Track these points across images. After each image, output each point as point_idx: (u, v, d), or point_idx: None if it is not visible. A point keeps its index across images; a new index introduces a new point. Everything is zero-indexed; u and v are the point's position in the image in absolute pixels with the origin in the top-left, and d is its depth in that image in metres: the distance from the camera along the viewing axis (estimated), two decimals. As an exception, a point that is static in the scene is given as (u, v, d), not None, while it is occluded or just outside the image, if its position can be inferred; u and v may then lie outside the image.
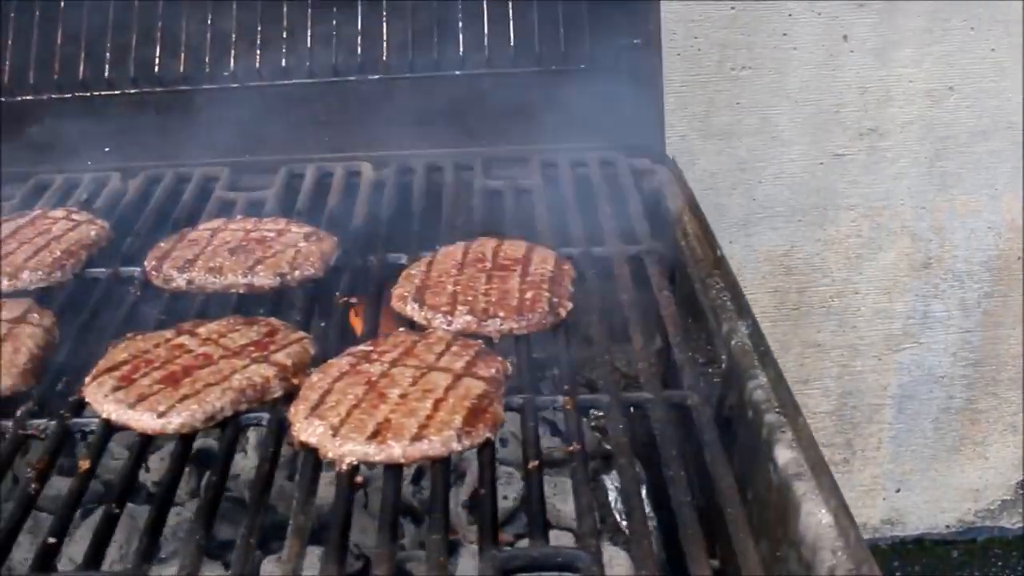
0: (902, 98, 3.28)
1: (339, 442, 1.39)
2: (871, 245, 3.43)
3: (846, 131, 3.31)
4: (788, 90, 3.26)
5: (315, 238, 1.85)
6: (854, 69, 3.25)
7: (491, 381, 1.49)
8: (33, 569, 1.28)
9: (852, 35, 3.21)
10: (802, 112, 3.28)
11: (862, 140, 3.31)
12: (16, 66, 2.39)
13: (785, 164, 3.32)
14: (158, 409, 1.46)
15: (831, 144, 3.32)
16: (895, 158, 3.33)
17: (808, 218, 3.39)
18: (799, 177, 3.34)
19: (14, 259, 1.83)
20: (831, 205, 3.39)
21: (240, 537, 1.32)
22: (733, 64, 3.22)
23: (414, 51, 2.36)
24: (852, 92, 3.27)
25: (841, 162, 3.33)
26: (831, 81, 3.26)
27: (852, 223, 3.40)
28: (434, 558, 1.27)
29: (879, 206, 3.39)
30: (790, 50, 3.22)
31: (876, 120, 3.30)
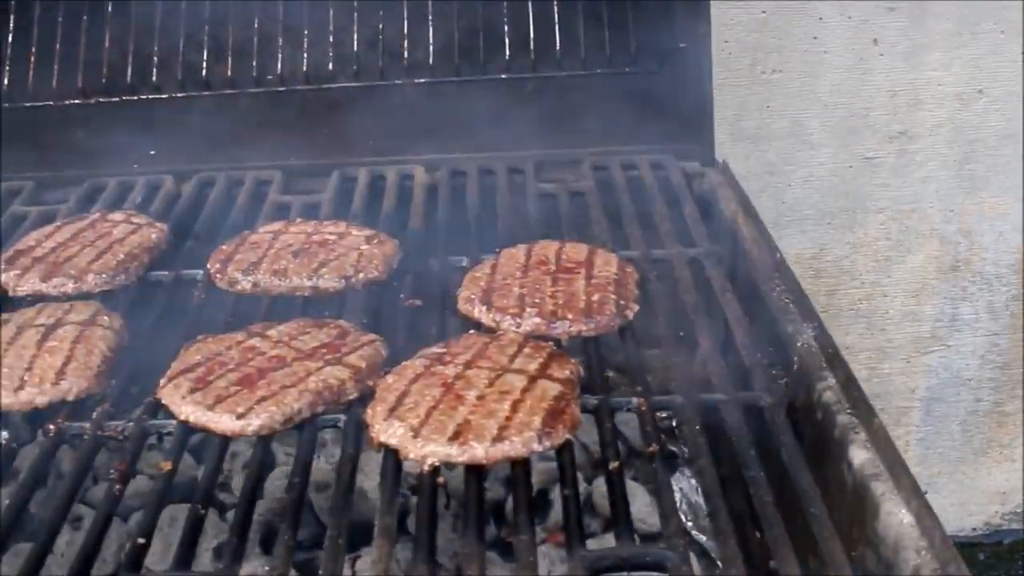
0: (931, 101, 3.29)
1: (421, 443, 1.40)
2: (900, 248, 3.44)
3: (875, 134, 3.32)
4: (818, 93, 3.27)
5: (377, 241, 1.86)
6: (884, 72, 3.26)
7: (566, 383, 1.50)
8: (125, 569, 1.29)
9: (882, 39, 3.22)
10: (832, 115, 3.29)
11: (891, 143, 3.32)
12: (64, 71, 2.39)
13: (815, 167, 3.34)
14: (237, 411, 1.47)
15: (860, 147, 3.33)
16: (924, 161, 3.34)
17: (837, 221, 3.40)
18: (828, 180, 3.35)
19: (78, 262, 1.84)
20: (860, 208, 3.40)
21: (329, 538, 1.32)
22: (764, 68, 3.23)
23: (459, 55, 2.37)
24: (882, 95, 3.28)
25: (870, 165, 3.35)
26: (861, 84, 3.27)
27: (881, 226, 3.42)
28: (524, 559, 1.27)
29: (908, 209, 3.40)
30: (820, 53, 3.23)
31: (905, 123, 3.31)
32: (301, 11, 2.40)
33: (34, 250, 1.89)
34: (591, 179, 2.13)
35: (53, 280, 1.81)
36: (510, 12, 2.37)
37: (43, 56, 2.40)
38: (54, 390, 1.54)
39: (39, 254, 1.88)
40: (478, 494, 1.39)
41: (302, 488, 1.41)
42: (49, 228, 1.97)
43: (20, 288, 1.81)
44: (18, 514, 1.39)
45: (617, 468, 1.41)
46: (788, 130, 3.29)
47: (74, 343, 1.61)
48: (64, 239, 1.92)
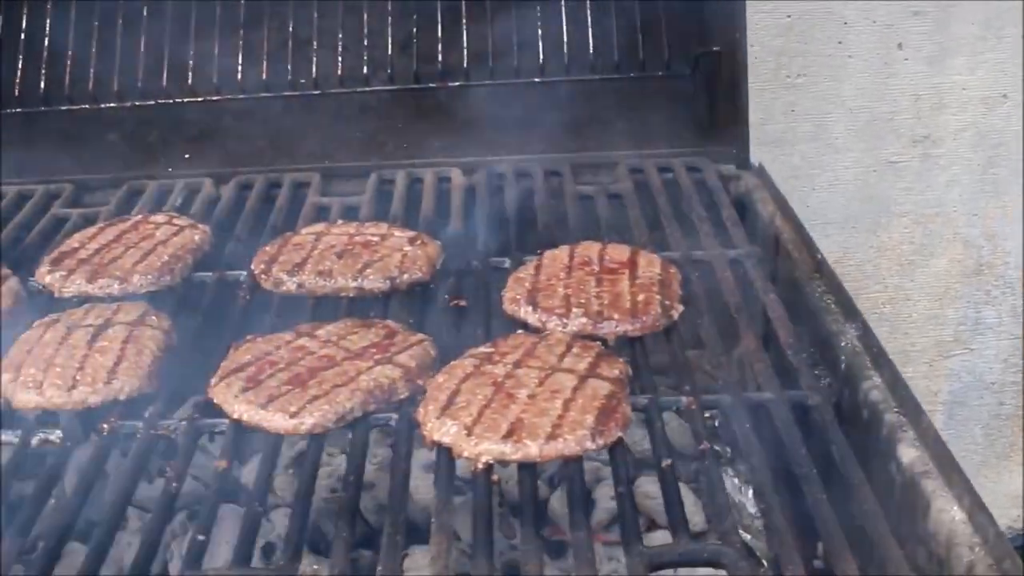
0: (956, 105, 3.30)
1: (474, 441, 1.41)
2: (923, 252, 3.45)
3: (900, 138, 3.32)
4: (843, 97, 3.28)
5: (419, 242, 1.87)
6: (908, 77, 3.27)
7: (616, 382, 1.51)
8: (186, 567, 1.30)
9: (907, 43, 3.23)
10: (856, 119, 3.30)
11: (916, 147, 3.33)
12: (100, 74, 2.41)
13: (839, 171, 3.34)
14: (289, 410, 1.48)
15: (885, 151, 3.34)
16: (948, 165, 3.35)
17: (861, 225, 3.41)
18: (853, 184, 3.36)
19: (123, 263, 1.85)
20: (884, 212, 3.40)
21: (386, 535, 1.33)
22: (788, 72, 3.24)
23: (494, 58, 2.38)
24: (906, 99, 3.29)
25: (894, 169, 3.35)
26: (885, 89, 3.28)
27: (904, 230, 3.42)
28: (583, 556, 1.28)
29: (931, 213, 3.41)
30: (845, 58, 3.24)
31: (930, 127, 3.32)
32: (335, 14, 2.41)
33: (78, 252, 1.90)
34: (628, 181, 2.14)
35: (99, 281, 1.82)
36: (544, 15, 2.38)
37: (79, 59, 2.42)
38: (106, 389, 1.55)
39: (83, 256, 1.89)
40: (533, 492, 1.39)
41: (357, 486, 1.42)
42: (92, 230, 1.98)
43: (66, 289, 1.83)
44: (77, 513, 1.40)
45: (669, 466, 1.42)
46: (812, 134, 3.30)
47: (124, 343, 1.62)
48: (107, 241, 1.93)
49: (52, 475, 1.47)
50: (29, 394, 1.55)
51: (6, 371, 1.60)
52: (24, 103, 2.42)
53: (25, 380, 1.57)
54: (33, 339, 1.66)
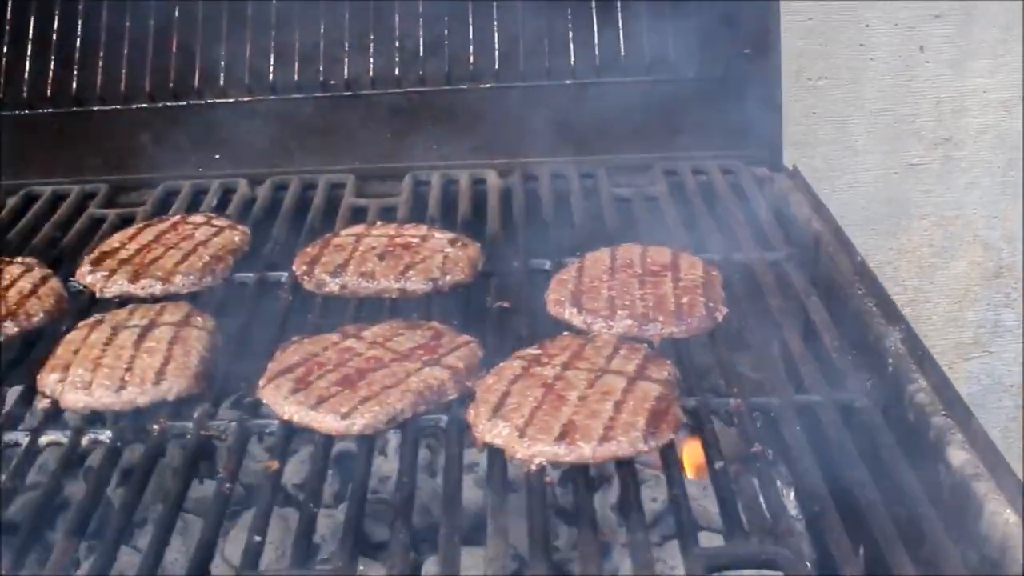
0: (976, 108, 3.30)
1: (527, 443, 1.41)
2: (943, 254, 3.45)
3: (920, 141, 3.33)
4: (864, 100, 3.28)
5: (460, 244, 1.87)
6: (929, 79, 3.27)
7: (665, 384, 1.52)
8: (242, 568, 1.30)
9: (928, 46, 3.24)
10: (877, 122, 3.30)
11: (936, 150, 3.34)
12: (132, 75, 2.41)
13: (859, 173, 3.35)
14: (340, 411, 1.48)
15: (906, 154, 3.34)
16: (968, 168, 3.36)
17: (881, 227, 3.41)
18: (873, 186, 3.37)
19: (164, 264, 1.86)
20: (904, 214, 3.41)
21: (443, 537, 1.33)
22: (810, 74, 3.25)
23: (525, 60, 2.38)
24: (927, 102, 3.29)
25: (915, 172, 3.36)
26: (906, 91, 3.28)
27: (925, 232, 3.43)
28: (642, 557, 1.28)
29: (951, 215, 3.41)
30: (867, 60, 3.25)
31: (950, 130, 3.32)
32: (367, 15, 2.41)
33: (118, 252, 1.91)
34: (663, 184, 2.14)
35: (141, 282, 1.82)
36: (574, 18, 2.38)
37: (111, 60, 2.42)
38: (155, 390, 1.56)
39: (124, 256, 1.89)
40: (587, 493, 1.40)
41: (411, 487, 1.42)
42: (131, 230, 1.99)
43: (108, 290, 1.83)
44: (131, 513, 1.41)
45: (723, 468, 1.43)
46: (833, 136, 3.31)
47: (171, 343, 1.63)
48: (147, 241, 1.93)
49: (103, 475, 1.46)
50: (78, 394, 1.56)
51: (53, 371, 1.60)
52: (56, 103, 2.42)
53: (73, 380, 1.57)
54: (79, 339, 1.66)
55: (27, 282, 1.83)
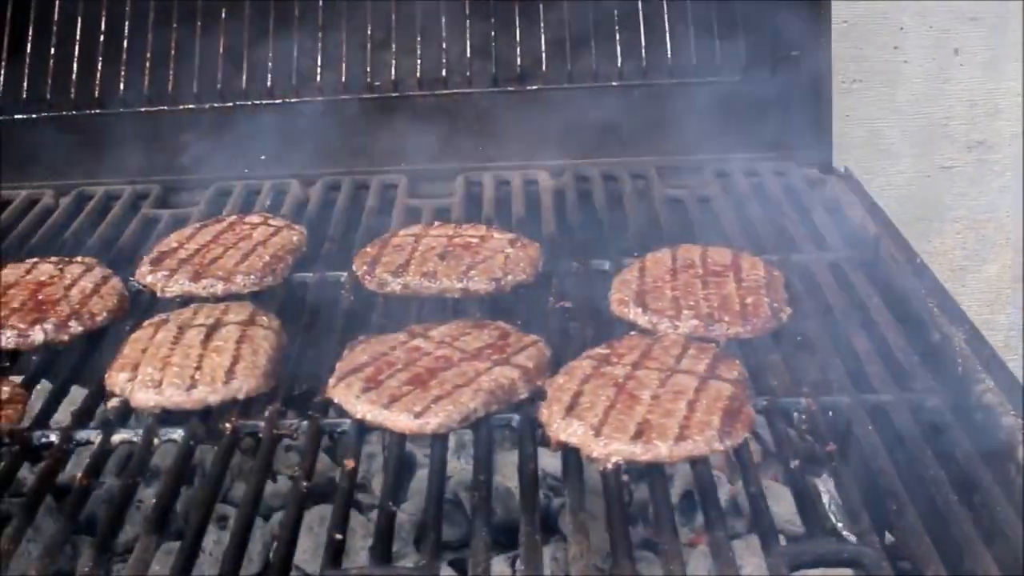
0: (1010, 111, 3.30)
1: (604, 442, 1.42)
2: (975, 257, 3.45)
3: (954, 144, 3.33)
4: (897, 103, 3.28)
5: (520, 244, 1.88)
6: (963, 82, 3.27)
7: (736, 383, 1.52)
8: (325, 566, 1.30)
9: (963, 48, 3.24)
10: (911, 125, 3.30)
11: (970, 153, 3.34)
12: (179, 78, 2.42)
13: (892, 176, 3.35)
14: (414, 410, 1.49)
15: (939, 157, 3.34)
16: (1001, 171, 3.36)
17: (914, 230, 3.39)
18: (906, 189, 3.36)
19: (224, 263, 1.86)
20: (937, 217, 3.41)
21: (524, 535, 1.34)
22: (844, 77, 3.24)
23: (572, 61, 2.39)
24: (961, 105, 3.29)
25: (948, 175, 3.36)
26: (940, 94, 3.28)
27: (957, 235, 3.43)
28: (724, 555, 1.29)
29: (984, 219, 3.41)
30: (900, 63, 3.25)
31: (984, 133, 3.32)
32: (414, 16, 2.42)
33: (177, 252, 1.91)
34: (716, 185, 2.15)
35: (202, 281, 1.83)
36: (621, 20, 2.39)
37: (158, 61, 2.43)
38: (225, 389, 1.56)
39: (183, 256, 1.90)
40: (664, 493, 1.40)
41: (488, 485, 1.42)
42: (188, 230, 1.99)
43: (169, 289, 1.84)
44: (209, 510, 1.41)
45: (799, 467, 1.43)
46: (866, 139, 3.31)
47: (238, 343, 1.63)
48: (205, 241, 1.94)
49: (178, 474, 1.47)
50: (148, 393, 1.56)
51: (122, 370, 1.61)
52: (104, 104, 2.42)
53: (143, 379, 1.57)
54: (145, 338, 1.67)
55: (88, 281, 1.84)
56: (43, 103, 2.43)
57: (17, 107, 2.43)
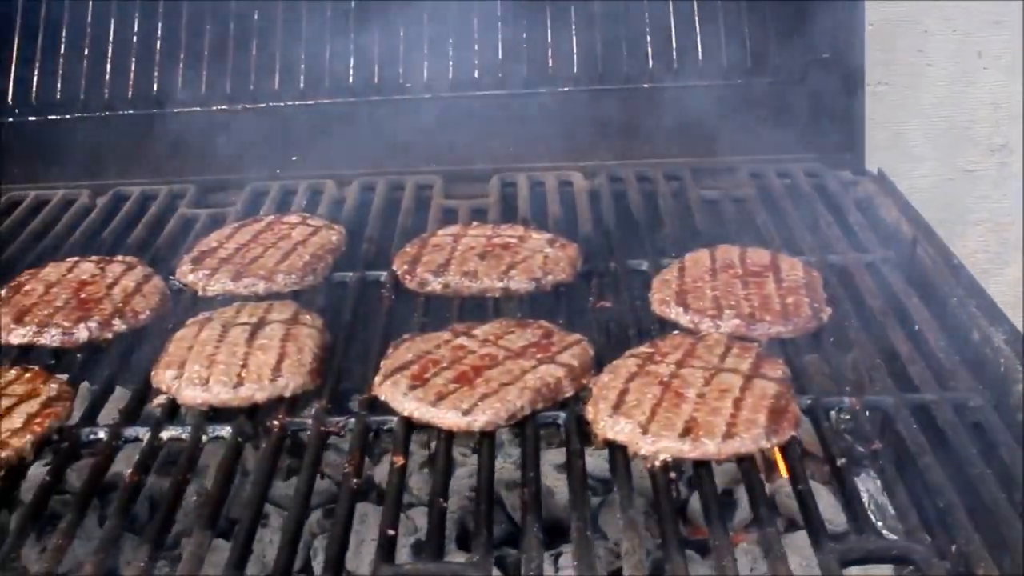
0: (1034, 114, 3.31)
1: (651, 439, 1.43)
2: (997, 261, 3.45)
3: (977, 147, 3.33)
4: (921, 106, 3.28)
5: (559, 244, 1.89)
6: (987, 85, 3.28)
7: (781, 382, 1.53)
8: (378, 562, 1.31)
9: (986, 51, 3.24)
10: (934, 128, 3.31)
11: (993, 156, 3.34)
12: (212, 77, 2.43)
13: (915, 179, 3.34)
14: (461, 407, 1.50)
15: (962, 160, 3.34)
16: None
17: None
18: (929, 192, 3.36)
19: (265, 263, 1.87)
20: (959, 220, 3.41)
21: (576, 531, 1.34)
22: (868, 80, 3.23)
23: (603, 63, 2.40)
24: (984, 108, 3.29)
25: (971, 178, 3.36)
26: (964, 97, 3.28)
27: (980, 238, 3.43)
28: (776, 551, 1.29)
29: (1007, 221, 3.41)
30: (924, 66, 3.25)
31: (1007, 136, 3.32)
32: (445, 17, 2.43)
33: (217, 251, 1.93)
34: (750, 186, 2.16)
35: (244, 280, 1.84)
36: (652, 22, 2.40)
37: (191, 62, 2.44)
38: (272, 387, 1.57)
39: (224, 255, 1.91)
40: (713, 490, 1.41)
41: (537, 482, 1.43)
42: (227, 229, 2.01)
43: (211, 288, 1.85)
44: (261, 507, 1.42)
45: (845, 465, 1.44)
46: (890, 142, 3.31)
47: (283, 341, 1.64)
48: (245, 240, 1.95)
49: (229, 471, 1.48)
50: (195, 390, 1.57)
51: (168, 367, 1.62)
52: (136, 105, 2.44)
53: (190, 377, 1.59)
54: (190, 336, 1.68)
55: (130, 280, 1.85)
56: (77, 103, 2.45)
57: (51, 107, 2.44)
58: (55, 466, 1.50)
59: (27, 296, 1.82)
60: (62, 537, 1.37)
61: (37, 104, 2.45)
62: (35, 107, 2.46)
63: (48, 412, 1.55)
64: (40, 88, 2.45)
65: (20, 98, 2.45)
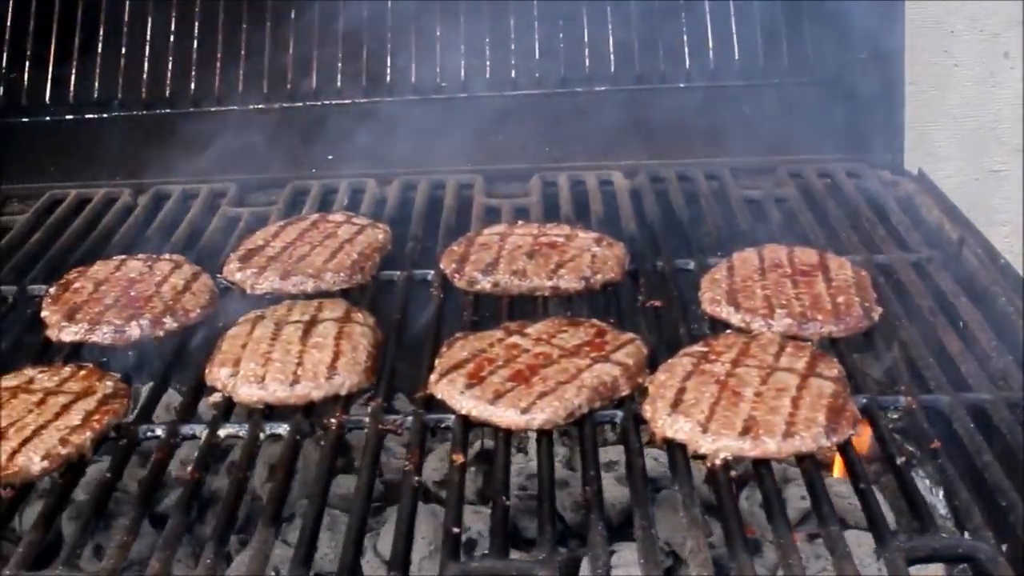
0: (1058, 114, 3.32)
1: (711, 438, 1.43)
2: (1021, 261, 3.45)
3: (1002, 147, 3.34)
4: (947, 106, 3.29)
5: (606, 243, 1.89)
6: (1012, 86, 3.28)
7: (837, 381, 1.53)
8: (445, 560, 1.31)
9: (1013, 52, 3.25)
10: (960, 128, 3.31)
11: (1018, 156, 3.35)
12: (248, 77, 2.43)
13: (941, 180, 3.32)
14: (520, 405, 1.50)
15: (988, 160, 3.35)
16: (1050, 175, 3.37)
17: (961, 233, 3.42)
18: (954, 193, 3.33)
19: (312, 261, 1.88)
20: (985, 221, 3.38)
21: (640, 528, 1.35)
22: (897, 80, 3.26)
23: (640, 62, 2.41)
24: (1010, 109, 3.30)
25: (997, 178, 3.37)
26: (990, 98, 3.29)
27: (1004, 239, 3.42)
28: (840, 550, 1.30)
29: (1032, 222, 3.42)
30: (951, 67, 3.26)
31: (1033, 136, 3.33)
32: (481, 18, 2.43)
33: (264, 249, 1.93)
34: (791, 186, 2.16)
35: (292, 279, 1.84)
36: (688, 22, 2.40)
37: (228, 62, 2.44)
38: (328, 384, 1.58)
39: (271, 253, 1.91)
40: (775, 489, 1.41)
41: (598, 480, 1.43)
42: (273, 228, 2.01)
43: (259, 287, 1.85)
44: (323, 504, 1.42)
45: (905, 463, 1.44)
46: (916, 142, 3.29)
47: (337, 339, 1.65)
48: (291, 238, 1.95)
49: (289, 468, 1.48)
50: (251, 388, 1.58)
51: (223, 365, 1.62)
52: (175, 104, 2.44)
53: (246, 375, 1.59)
54: (243, 334, 1.68)
55: (179, 278, 1.85)
56: (114, 102, 2.45)
57: (89, 106, 2.45)
58: (116, 463, 1.50)
59: (77, 294, 1.82)
60: (126, 534, 1.37)
61: (75, 103, 2.46)
62: (73, 106, 2.46)
63: (106, 409, 1.55)
64: (78, 87, 2.45)
65: (58, 97, 2.45)
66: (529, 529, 1.85)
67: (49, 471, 1.45)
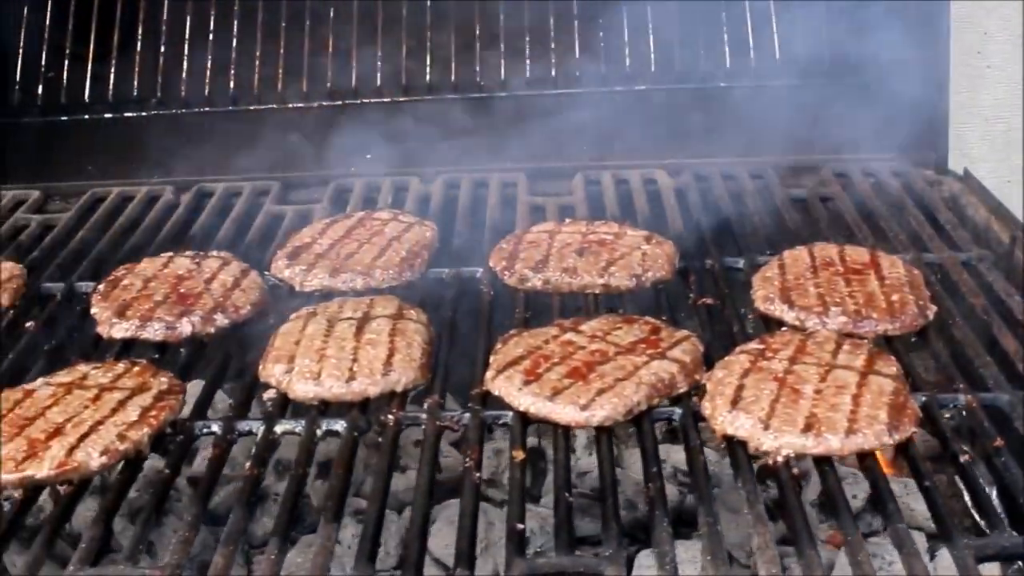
0: (1090, 115, 3.30)
1: (773, 435, 1.42)
2: (1052, 262, 3.44)
3: (1034, 149, 3.33)
4: (979, 107, 3.28)
5: (655, 241, 1.89)
6: (1046, 88, 3.27)
7: (896, 379, 1.53)
8: (509, 555, 1.31)
9: (1045, 54, 3.24)
10: (992, 130, 3.30)
11: (1051, 158, 3.33)
12: (287, 76, 2.43)
13: (974, 181, 3.34)
14: (579, 402, 1.50)
15: (1019, 162, 3.34)
16: (1082, 176, 3.35)
17: (993, 235, 3.41)
18: (986, 195, 3.36)
19: (361, 258, 1.88)
20: (1017, 222, 3.40)
21: (704, 524, 1.34)
22: (927, 81, 3.25)
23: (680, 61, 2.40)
24: (1042, 110, 3.29)
25: (1028, 180, 3.36)
26: (1021, 99, 3.28)
27: (1036, 240, 3.42)
28: (907, 546, 1.29)
29: (1063, 224, 3.40)
30: (983, 68, 3.24)
31: (1065, 138, 3.32)
32: (521, 15, 2.43)
33: (311, 246, 1.93)
34: (836, 185, 2.15)
35: (342, 276, 1.84)
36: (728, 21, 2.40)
37: (267, 61, 2.44)
38: (384, 381, 1.57)
39: (319, 250, 1.91)
40: (838, 487, 1.41)
41: (660, 476, 1.43)
42: (319, 225, 2.01)
43: (308, 284, 1.85)
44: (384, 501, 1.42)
45: (969, 461, 1.44)
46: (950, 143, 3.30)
47: (391, 336, 1.64)
48: (338, 236, 1.95)
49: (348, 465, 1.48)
50: (307, 384, 1.57)
51: (277, 362, 1.62)
52: (213, 103, 2.44)
53: (301, 371, 1.59)
54: (296, 331, 1.68)
55: (228, 275, 1.85)
56: (153, 101, 2.45)
57: (128, 104, 2.45)
58: (174, 459, 1.50)
59: (126, 291, 1.82)
60: (188, 530, 1.37)
61: (114, 101, 2.46)
62: (112, 104, 2.46)
63: (162, 405, 1.54)
64: (117, 85, 2.46)
65: (97, 95, 2.46)
66: (579, 527, 1.84)
67: (107, 467, 1.45)
